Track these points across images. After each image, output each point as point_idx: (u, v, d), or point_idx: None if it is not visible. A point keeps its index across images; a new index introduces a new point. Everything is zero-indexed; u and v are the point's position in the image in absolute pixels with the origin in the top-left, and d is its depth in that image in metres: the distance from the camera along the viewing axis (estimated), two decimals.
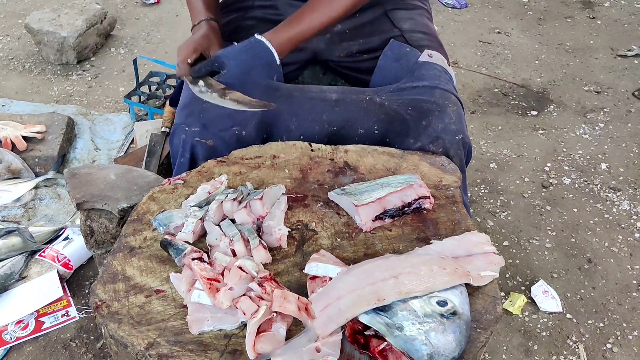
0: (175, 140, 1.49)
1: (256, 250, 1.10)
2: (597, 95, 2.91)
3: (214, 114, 1.44)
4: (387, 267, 1.01)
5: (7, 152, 2.28)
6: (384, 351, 0.94)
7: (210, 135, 1.44)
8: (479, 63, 3.16)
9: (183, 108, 1.49)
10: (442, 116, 1.42)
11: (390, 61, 1.55)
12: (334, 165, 1.38)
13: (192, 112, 1.46)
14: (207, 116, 1.44)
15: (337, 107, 1.47)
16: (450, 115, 1.43)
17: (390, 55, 1.55)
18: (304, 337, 0.98)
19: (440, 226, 1.21)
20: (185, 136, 1.45)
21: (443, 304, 0.97)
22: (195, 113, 1.45)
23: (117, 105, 2.84)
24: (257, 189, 1.28)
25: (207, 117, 1.44)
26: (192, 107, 1.46)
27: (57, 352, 1.71)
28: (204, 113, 1.45)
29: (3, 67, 3.12)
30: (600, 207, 2.25)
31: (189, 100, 1.48)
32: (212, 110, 1.43)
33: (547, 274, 1.98)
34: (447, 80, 1.53)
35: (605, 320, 1.84)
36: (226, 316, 1.00)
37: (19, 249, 1.96)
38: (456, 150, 1.43)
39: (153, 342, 0.97)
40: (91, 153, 2.50)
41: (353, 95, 1.48)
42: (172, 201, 1.27)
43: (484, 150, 2.54)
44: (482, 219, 2.17)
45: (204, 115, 1.44)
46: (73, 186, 1.61)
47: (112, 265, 1.12)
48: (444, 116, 1.42)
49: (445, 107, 1.44)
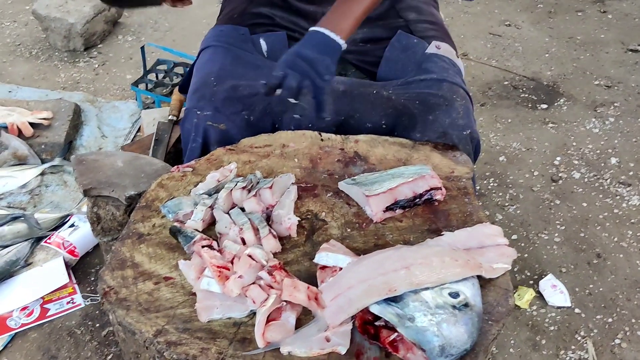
0: (186, 124, 1.47)
1: (266, 239, 1.08)
2: (608, 89, 2.88)
3: (225, 97, 1.42)
4: (399, 258, 1.00)
5: (13, 138, 2.27)
6: (394, 342, 0.93)
7: (223, 119, 1.42)
8: (489, 55, 3.13)
9: (194, 92, 1.47)
10: (450, 110, 1.40)
11: (397, 52, 1.53)
12: (344, 155, 1.36)
13: (204, 96, 1.44)
14: (219, 99, 1.42)
15: (345, 98, 1.45)
16: (458, 110, 1.41)
17: (397, 46, 1.53)
18: (313, 326, 0.97)
19: (452, 217, 1.20)
20: (197, 120, 1.43)
21: (455, 296, 0.95)
22: (206, 97, 1.43)
23: (124, 93, 2.83)
24: (267, 177, 1.27)
25: (219, 100, 1.42)
26: (204, 91, 1.45)
27: (62, 339, 1.71)
28: (215, 96, 1.43)
29: (10, 53, 3.10)
30: (610, 201, 2.23)
31: (200, 84, 1.46)
32: (223, 93, 1.42)
33: (556, 269, 1.96)
34: (456, 73, 1.51)
35: (614, 315, 1.82)
36: (235, 304, 0.99)
37: (24, 236, 1.96)
38: (464, 146, 1.40)
39: (161, 329, 0.96)
40: (98, 140, 2.49)
41: (361, 88, 1.47)
42: (181, 188, 1.26)
43: (493, 143, 2.52)
44: (490, 212, 2.15)
45: (216, 98, 1.42)
46: (80, 173, 1.60)
47: (120, 252, 1.11)
48: (451, 110, 1.40)
49: (453, 102, 1.42)
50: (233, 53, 1.51)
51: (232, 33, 1.57)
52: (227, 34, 1.57)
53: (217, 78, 1.45)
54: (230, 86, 1.44)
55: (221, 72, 1.46)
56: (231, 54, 1.51)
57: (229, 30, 1.58)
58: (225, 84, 1.44)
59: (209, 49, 1.56)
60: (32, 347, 1.69)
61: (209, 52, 1.55)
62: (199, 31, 3.15)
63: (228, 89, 1.43)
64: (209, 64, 1.51)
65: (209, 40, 1.58)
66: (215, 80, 1.45)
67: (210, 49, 1.55)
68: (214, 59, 1.51)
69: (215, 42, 1.55)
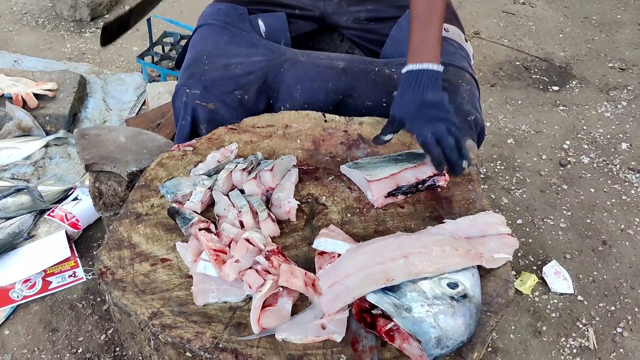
0: (177, 101, 1.46)
1: (264, 222, 1.07)
2: (622, 72, 2.82)
3: (216, 76, 1.40)
4: (398, 246, 0.99)
5: (18, 109, 2.26)
6: (390, 331, 0.92)
7: (212, 98, 1.40)
8: (501, 34, 3.07)
9: (185, 69, 1.46)
10: (454, 95, 1.37)
11: (404, 32, 1.49)
12: (347, 137, 1.34)
13: (194, 74, 1.42)
14: (209, 78, 1.41)
15: (344, 76, 1.42)
16: (463, 95, 1.38)
17: (405, 26, 1.49)
18: (309, 313, 0.96)
19: (455, 205, 1.18)
20: (187, 98, 1.42)
21: (454, 286, 0.94)
22: (196, 75, 1.42)
23: (130, 65, 2.80)
24: (268, 159, 1.25)
25: (209, 79, 1.41)
26: (194, 69, 1.43)
27: (63, 312, 1.72)
28: (205, 75, 1.41)
29: (16, 21, 3.08)
30: (619, 188, 2.20)
31: (191, 61, 1.44)
32: (214, 72, 1.40)
33: (560, 255, 1.94)
34: (462, 57, 1.47)
35: (617, 304, 1.81)
36: (232, 289, 0.98)
37: (27, 208, 1.96)
38: (468, 132, 1.37)
39: (157, 311, 0.96)
40: (102, 113, 2.48)
41: (361, 65, 1.43)
42: (181, 168, 1.24)
43: (502, 125, 2.48)
44: (496, 195, 2.13)
45: (206, 77, 1.41)
46: (82, 147, 1.59)
47: (118, 232, 1.10)
48: (455, 96, 1.37)
49: (458, 86, 1.38)
50: (229, 32, 1.48)
51: (230, 12, 1.54)
52: (225, 13, 1.54)
53: (210, 57, 1.43)
54: (222, 65, 1.42)
55: (214, 51, 1.44)
56: (227, 32, 1.48)
57: (227, 8, 1.55)
58: (217, 63, 1.42)
59: (205, 26, 1.53)
60: (33, 319, 1.70)
61: (204, 29, 1.52)
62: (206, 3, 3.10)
63: (219, 67, 1.40)
64: (204, 42, 1.48)
65: (205, 18, 1.55)
66: (208, 58, 1.43)
67: (206, 27, 1.52)
68: (209, 36, 1.49)
69: (212, 20, 1.52)
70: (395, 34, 1.50)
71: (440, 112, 1.18)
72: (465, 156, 1.16)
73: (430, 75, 1.20)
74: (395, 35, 1.50)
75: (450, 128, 1.15)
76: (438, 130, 1.15)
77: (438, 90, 1.21)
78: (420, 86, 1.20)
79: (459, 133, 1.15)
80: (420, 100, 1.19)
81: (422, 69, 1.20)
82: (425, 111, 1.18)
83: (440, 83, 1.22)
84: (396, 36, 1.50)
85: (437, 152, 1.15)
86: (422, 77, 1.20)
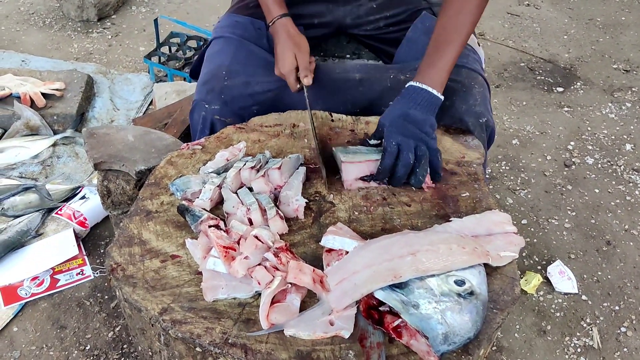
0: (195, 115, 1.47)
1: (273, 220, 1.08)
2: (626, 74, 2.83)
3: (235, 93, 1.42)
4: (405, 244, 1.00)
5: (26, 108, 2.28)
6: (398, 328, 0.93)
7: (230, 114, 1.42)
8: (506, 35, 3.08)
9: (204, 84, 1.46)
10: (467, 97, 1.38)
11: (419, 34, 1.50)
12: (354, 136, 1.35)
13: (213, 89, 1.43)
14: (228, 94, 1.42)
15: (361, 87, 1.44)
16: (476, 97, 1.39)
17: (420, 28, 1.50)
18: (318, 309, 0.97)
19: (461, 203, 1.19)
20: (205, 113, 1.43)
21: (461, 284, 0.95)
22: (216, 90, 1.43)
23: (137, 65, 2.82)
24: (276, 157, 1.26)
25: (228, 95, 1.42)
26: (213, 84, 1.44)
27: (71, 310, 1.73)
28: (225, 91, 1.42)
29: (24, 21, 3.10)
30: (623, 188, 2.21)
31: (210, 76, 1.45)
32: (234, 89, 1.41)
33: (565, 254, 1.95)
34: (475, 60, 1.49)
35: (621, 303, 1.81)
36: (241, 285, 1.00)
37: (35, 206, 1.98)
38: (479, 134, 1.39)
39: (167, 307, 0.97)
40: (110, 113, 2.50)
41: (377, 74, 1.45)
42: (190, 166, 1.26)
43: (506, 126, 2.49)
44: (501, 196, 2.14)
45: (226, 94, 1.42)
46: (91, 146, 1.60)
47: (128, 229, 1.11)
48: (468, 97, 1.38)
49: (471, 88, 1.40)
50: (246, 48, 1.48)
51: (248, 26, 1.53)
52: (242, 27, 1.53)
53: (228, 72, 1.43)
54: (242, 82, 1.42)
55: (232, 67, 1.44)
56: (244, 48, 1.48)
57: (245, 22, 1.54)
58: (236, 80, 1.42)
59: (221, 39, 1.52)
60: (42, 316, 1.71)
61: (221, 42, 1.51)
62: (213, 4, 3.13)
63: (239, 84, 1.41)
64: (221, 56, 1.47)
65: (223, 30, 1.53)
66: (227, 74, 1.43)
67: (223, 40, 1.51)
68: (227, 50, 1.48)
69: (230, 33, 1.51)
70: (410, 36, 1.51)
71: (417, 130, 1.21)
72: (416, 175, 1.19)
73: (427, 97, 1.24)
74: (411, 36, 1.51)
75: (419, 147, 1.18)
76: (404, 143, 1.18)
77: (427, 112, 1.24)
78: (412, 102, 1.24)
79: (425, 154, 1.18)
80: (404, 113, 1.23)
81: (422, 89, 1.24)
82: (404, 123, 1.21)
83: (435, 109, 1.26)
84: (412, 37, 1.51)
85: (388, 163, 1.18)
86: (418, 96, 1.24)
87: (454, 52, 1.28)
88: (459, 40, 1.29)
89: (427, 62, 1.29)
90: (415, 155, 1.18)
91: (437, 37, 1.31)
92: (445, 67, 1.28)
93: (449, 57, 1.28)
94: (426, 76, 1.26)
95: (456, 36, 1.29)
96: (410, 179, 1.20)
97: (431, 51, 1.29)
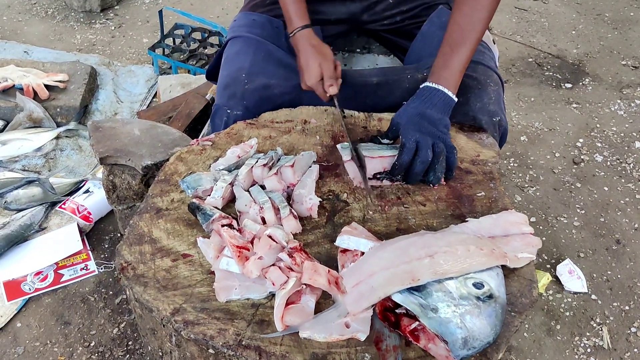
0: (217, 120, 1.44)
1: (286, 219, 1.06)
2: (635, 70, 2.80)
3: (257, 97, 1.39)
4: (423, 245, 0.97)
5: (29, 100, 2.25)
6: (415, 331, 0.91)
7: (251, 118, 1.40)
8: (513, 30, 3.05)
9: (225, 88, 1.43)
10: (482, 95, 1.36)
11: (434, 28, 1.47)
12: (366, 133, 1.33)
13: (235, 94, 1.40)
14: (250, 99, 1.39)
15: (380, 91, 1.42)
16: (490, 95, 1.37)
17: (437, 22, 1.48)
18: (333, 311, 0.95)
19: (477, 203, 1.17)
20: (227, 119, 1.40)
21: (479, 286, 0.93)
22: (237, 96, 1.40)
23: (141, 57, 2.79)
24: (287, 154, 1.24)
25: (250, 100, 1.39)
26: (234, 89, 1.41)
27: (75, 306, 1.71)
28: (246, 96, 1.40)
29: (26, 12, 3.06)
30: (632, 186, 2.18)
31: (230, 79, 1.42)
32: (255, 93, 1.39)
33: (574, 253, 1.93)
34: (490, 58, 1.46)
35: (631, 303, 1.80)
36: (254, 285, 0.97)
37: (39, 200, 1.95)
38: (492, 132, 1.36)
39: (179, 307, 0.95)
40: (113, 105, 2.47)
41: (394, 76, 1.42)
42: (200, 163, 1.23)
43: (515, 122, 2.47)
44: (510, 193, 2.12)
45: (247, 99, 1.39)
46: (97, 140, 1.58)
47: (138, 226, 1.09)
48: (483, 95, 1.36)
49: (487, 86, 1.37)
50: (265, 48, 1.44)
51: (265, 25, 1.49)
52: (260, 25, 1.49)
53: (248, 75, 1.40)
54: (261, 85, 1.40)
55: (252, 69, 1.41)
56: (263, 48, 1.44)
57: (262, 21, 1.50)
58: (256, 82, 1.40)
59: (239, 39, 1.48)
60: (45, 312, 1.69)
61: (239, 42, 1.48)
62: None
63: (259, 87, 1.39)
64: (240, 58, 1.44)
65: (240, 29, 1.50)
66: (247, 77, 1.40)
67: (241, 40, 1.47)
68: (246, 51, 1.44)
69: (247, 32, 1.47)
70: (426, 30, 1.49)
71: (435, 128, 1.20)
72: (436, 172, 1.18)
73: (443, 98, 1.23)
74: (426, 30, 1.49)
75: (437, 144, 1.17)
76: (423, 140, 1.16)
77: (442, 112, 1.23)
78: (427, 101, 1.23)
79: (442, 152, 1.17)
80: (421, 111, 1.22)
81: (438, 89, 1.24)
82: (421, 121, 1.20)
83: (450, 110, 1.25)
84: (426, 32, 1.49)
85: (406, 159, 1.16)
86: (434, 96, 1.23)
87: (468, 52, 1.27)
88: (473, 39, 1.27)
89: (441, 62, 1.27)
90: (433, 152, 1.16)
91: (451, 35, 1.29)
92: (459, 67, 1.26)
93: (463, 57, 1.26)
94: (441, 77, 1.25)
95: (471, 34, 1.27)
96: (429, 176, 1.18)
97: (446, 50, 1.28)
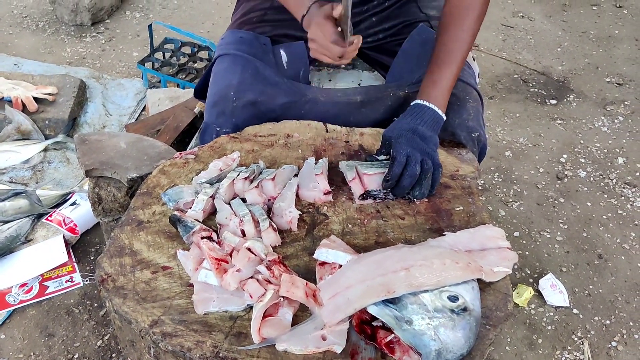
0: (206, 137, 1.45)
1: (266, 232, 1.07)
2: (619, 87, 2.84)
3: (245, 115, 1.41)
4: (399, 259, 0.99)
5: (17, 113, 2.26)
6: (390, 343, 0.93)
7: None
8: (500, 47, 3.10)
9: (213, 106, 1.44)
10: (461, 111, 1.39)
11: (415, 45, 1.50)
12: (348, 147, 1.35)
13: (223, 112, 1.42)
14: (239, 116, 1.41)
15: (364, 108, 1.45)
16: (469, 111, 1.40)
17: (417, 39, 1.50)
18: (310, 324, 0.96)
19: (455, 217, 1.18)
20: (217, 136, 1.42)
21: (454, 299, 0.94)
22: (226, 113, 1.42)
23: (130, 71, 2.81)
24: (270, 168, 1.26)
25: (239, 117, 1.41)
26: (223, 106, 1.42)
27: (60, 317, 1.71)
28: (235, 113, 1.42)
29: (16, 25, 3.08)
30: (615, 202, 2.21)
31: (219, 97, 1.43)
32: (243, 110, 1.41)
33: (556, 268, 1.95)
34: (470, 74, 1.49)
35: (612, 317, 1.81)
36: (232, 298, 0.99)
37: (25, 212, 1.96)
38: (471, 148, 1.39)
39: (157, 319, 0.96)
40: (102, 118, 2.48)
41: (377, 94, 1.45)
42: (183, 176, 1.25)
43: (500, 138, 2.50)
44: (493, 208, 2.14)
45: (236, 116, 1.42)
46: (83, 152, 1.59)
47: (119, 238, 1.10)
48: (462, 111, 1.39)
49: (465, 102, 1.40)
50: (252, 65, 1.45)
51: (253, 42, 1.50)
52: (248, 42, 1.50)
53: (237, 92, 1.41)
54: (250, 102, 1.41)
55: (241, 86, 1.42)
56: (251, 65, 1.45)
57: (250, 38, 1.51)
58: (244, 99, 1.41)
59: (227, 56, 1.49)
60: (30, 324, 1.69)
61: (227, 60, 1.48)
62: (208, 10, 3.12)
63: (247, 105, 1.41)
64: (228, 75, 1.45)
65: (228, 47, 1.50)
66: (235, 94, 1.41)
67: (229, 58, 1.48)
68: (234, 69, 1.45)
69: (235, 50, 1.48)
70: (406, 47, 1.51)
71: (425, 145, 1.22)
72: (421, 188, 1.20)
73: (433, 116, 1.27)
74: (407, 48, 1.51)
75: (426, 161, 1.19)
76: (413, 155, 1.19)
77: (432, 130, 1.26)
78: (419, 118, 1.26)
79: (430, 168, 1.19)
80: (413, 127, 1.24)
81: (428, 107, 1.27)
82: (413, 137, 1.23)
83: (439, 128, 1.28)
84: (407, 49, 1.51)
85: (397, 172, 1.18)
86: (425, 114, 1.27)
87: (455, 70, 1.31)
88: (459, 58, 1.32)
89: (430, 80, 1.31)
90: (421, 168, 1.18)
91: (438, 55, 1.33)
92: (447, 86, 1.30)
93: (450, 76, 1.30)
94: (431, 95, 1.29)
95: (457, 54, 1.32)
96: (414, 191, 1.20)
97: (434, 68, 1.31)
